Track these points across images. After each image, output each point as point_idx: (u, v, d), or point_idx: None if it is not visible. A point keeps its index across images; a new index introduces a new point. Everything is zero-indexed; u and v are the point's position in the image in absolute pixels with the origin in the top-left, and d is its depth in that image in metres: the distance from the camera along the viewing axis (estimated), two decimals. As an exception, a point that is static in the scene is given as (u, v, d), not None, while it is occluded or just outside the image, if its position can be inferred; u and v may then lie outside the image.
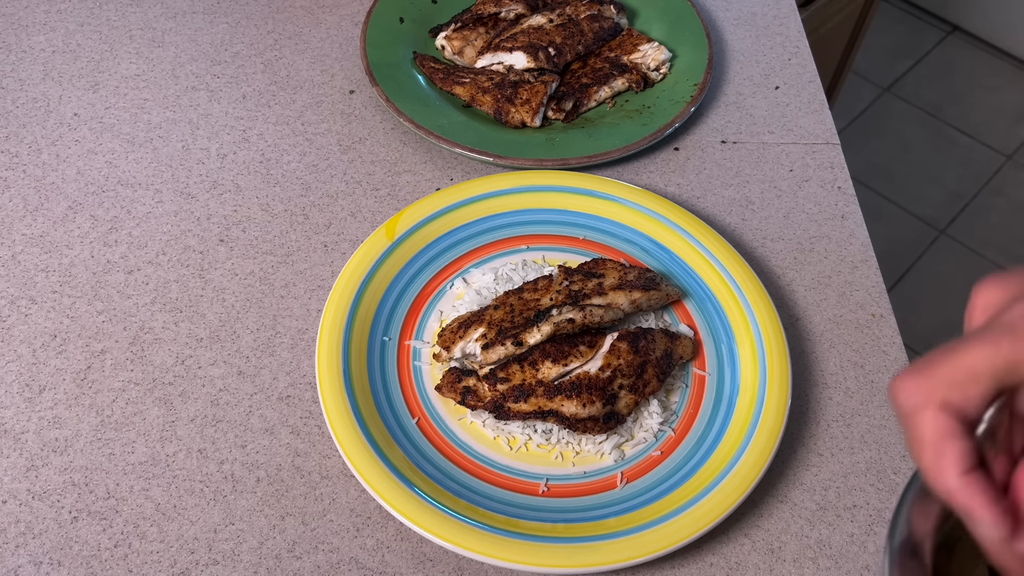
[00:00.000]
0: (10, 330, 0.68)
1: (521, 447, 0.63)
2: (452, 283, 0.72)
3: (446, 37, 0.91)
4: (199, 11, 0.95)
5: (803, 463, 0.64)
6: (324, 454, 0.63)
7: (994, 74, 2.50)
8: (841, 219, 0.80)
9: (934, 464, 0.32)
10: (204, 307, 0.70)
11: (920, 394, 0.33)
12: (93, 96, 0.85)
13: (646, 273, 0.70)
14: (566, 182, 0.77)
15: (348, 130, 0.84)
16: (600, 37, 0.91)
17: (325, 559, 0.58)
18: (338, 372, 0.63)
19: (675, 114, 0.84)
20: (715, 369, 0.67)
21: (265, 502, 0.60)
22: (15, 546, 0.57)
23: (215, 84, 0.87)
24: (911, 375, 0.33)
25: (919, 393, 0.33)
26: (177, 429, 0.63)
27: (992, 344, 0.32)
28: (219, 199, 0.78)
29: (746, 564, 0.59)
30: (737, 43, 0.96)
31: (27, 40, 0.90)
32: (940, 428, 0.32)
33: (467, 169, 0.82)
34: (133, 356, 0.67)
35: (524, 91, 0.84)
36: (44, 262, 0.72)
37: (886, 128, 2.36)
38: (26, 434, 0.62)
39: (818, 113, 0.89)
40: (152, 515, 0.59)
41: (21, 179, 0.78)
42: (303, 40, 0.93)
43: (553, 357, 0.63)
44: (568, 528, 0.58)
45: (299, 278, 0.73)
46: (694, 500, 0.59)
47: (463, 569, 0.58)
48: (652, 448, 0.63)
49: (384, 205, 0.78)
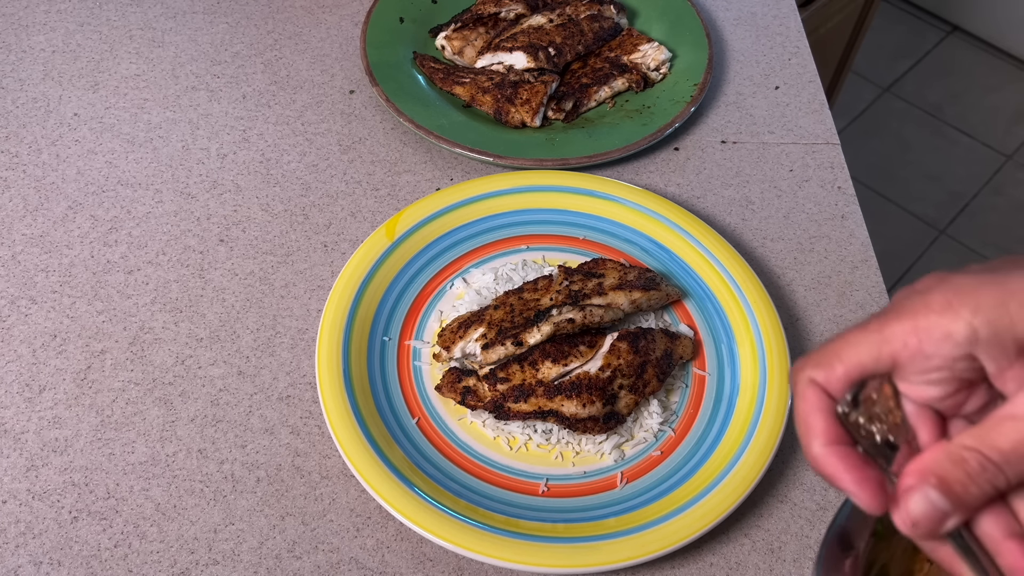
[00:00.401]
0: (10, 330, 0.68)
1: (521, 447, 0.63)
2: (452, 283, 0.72)
3: (446, 37, 0.91)
4: (199, 11, 0.95)
5: (803, 463, 0.64)
6: (324, 454, 0.63)
7: (994, 74, 2.50)
8: (841, 219, 0.80)
9: (803, 436, 0.36)
10: (204, 307, 0.70)
11: (798, 374, 0.36)
12: (93, 96, 0.85)
13: (646, 273, 0.70)
14: (566, 182, 0.77)
15: (348, 130, 0.84)
16: (600, 37, 0.91)
17: (325, 559, 0.58)
18: (338, 372, 0.63)
19: (675, 114, 0.84)
20: (715, 369, 0.67)
21: (265, 502, 0.60)
22: (15, 546, 0.57)
23: (215, 84, 0.87)
24: (801, 358, 0.37)
25: (797, 373, 0.36)
26: (177, 429, 0.63)
27: (862, 330, 0.35)
28: (219, 199, 0.78)
29: (746, 564, 0.59)
30: (737, 43, 0.96)
31: (27, 40, 0.90)
32: (808, 403, 0.36)
33: (467, 169, 0.82)
34: (133, 356, 0.67)
35: (524, 91, 0.84)
36: (44, 262, 0.72)
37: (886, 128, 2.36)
38: (26, 434, 0.62)
39: (818, 113, 0.89)
40: (152, 515, 0.59)
41: (21, 179, 0.78)
42: (303, 40, 0.93)
43: (553, 357, 0.63)
44: (568, 528, 0.58)
45: (299, 278, 0.73)
46: (694, 500, 0.59)
47: (463, 569, 0.58)
48: (652, 448, 0.63)
49: (384, 205, 0.78)
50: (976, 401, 0.36)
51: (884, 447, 0.35)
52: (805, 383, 0.36)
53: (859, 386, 0.36)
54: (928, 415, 0.36)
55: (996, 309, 0.32)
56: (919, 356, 0.34)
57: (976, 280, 0.33)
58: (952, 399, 0.36)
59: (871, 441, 0.36)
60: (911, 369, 0.35)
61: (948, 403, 0.36)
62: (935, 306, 0.33)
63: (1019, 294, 0.32)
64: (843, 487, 0.35)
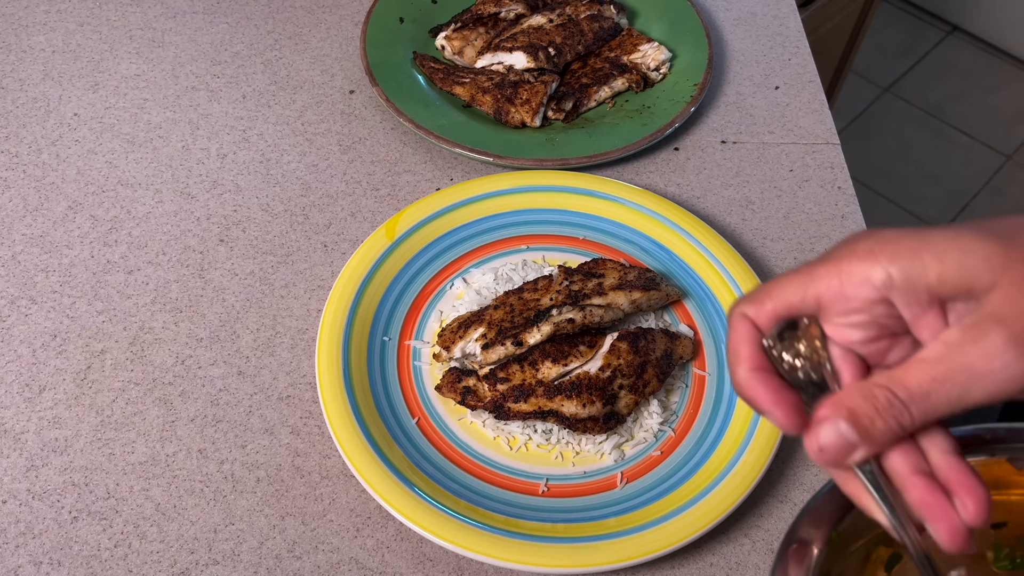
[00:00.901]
0: (10, 330, 0.68)
1: (521, 447, 0.63)
2: (452, 283, 0.72)
3: (446, 37, 0.91)
4: (199, 11, 0.95)
5: (803, 463, 0.64)
6: (324, 454, 0.63)
7: (993, 74, 2.50)
8: (841, 219, 0.80)
9: (730, 363, 0.39)
10: (204, 307, 0.70)
11: (733, 309, 0.40)
12: (93, 96, 0.85)
13: (646, 273, 0.70)
14: (566, 182, 0.77)
15: (348, 130, 0.84)
16: (600, 37, 0.91)
17: (325, 559, 0.58)
18: (338, 372, 0.63)
19: (675, 114, 0.84)
20: (715, 369, 0.67)
21: (265, 502, 0.60)
22: (15, 546, 0.57)
23: (215, 84, 0.87)
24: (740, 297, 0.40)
25: (732, 308, 0.40)
26: (177, 429, 0.63)
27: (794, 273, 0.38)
28: (219, 199, 0.78)
29: (746, 564, 0.59)
30: (737, 43, 0.96)
31: (27, 40, 0.90)
32: (738, 334, 0.39)
33: (467, 169, 0.82)
34: (133, 356, 0.67)
35: (524, 91, 0.84)
36: (44, 262, 0.72)
37: (886, 128, 2.36)
38: (26, 434, 0.62)
39: (818, 113, 0.89)
40: (152, 515, 0.59)
41: (21, 179, 0.78)
42: (303, 40, 0.93)
43: (553, 357, 0.63)
44: (568, 528, 0.58)
45: (299, 278, 0.73)
46: (694, 500, 0.59)
47: (463, 569, 0.58)
48: (652, 448, 0.63)
49: (384, 205, 0.78)
50: (899, 352, 0.38)
51: (807, 383, 0.38)
52: (738, 317, 0.39)
53: (787, 324, 0.38)
54: (853, 360, 0.38)
55: (911, 258, 0.35)
56: (840, 298, 0.37)
57: (900, 233, 0.36)
58: (874, 345, 0.38)
59: (793, 376, 0.38)
60: (834, 311, 0.37)
61: (870, 349, 0.38)
62: (859, 253, 0.36)
63: (934, 246, 0.35)
64: (761, 408, 0.38)
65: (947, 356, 0.34)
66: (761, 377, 0.38)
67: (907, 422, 0.35)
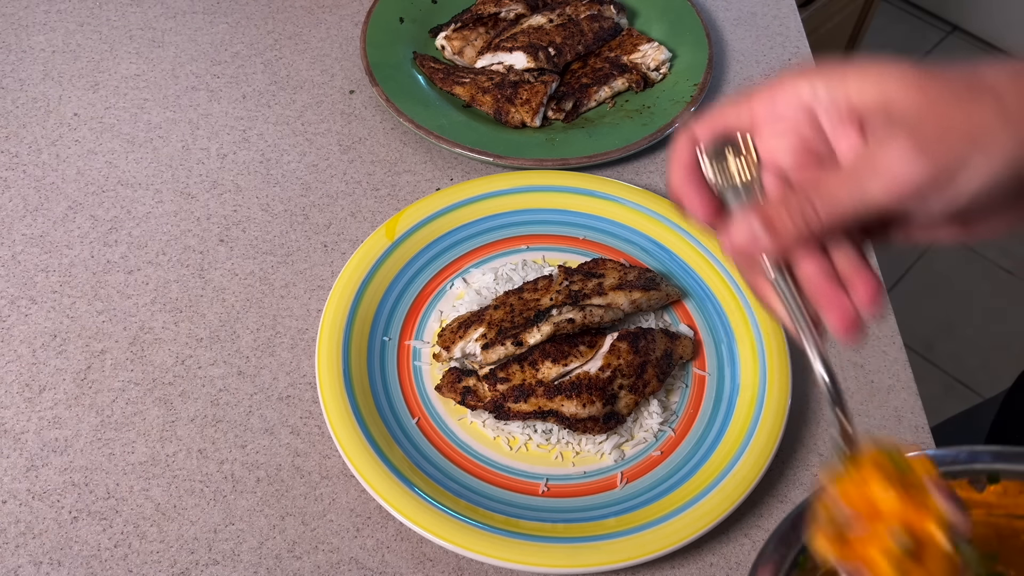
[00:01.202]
0: (10, 330, 0.68)
1: (521, 447, 0.63)
2: (452, 283, 0.72)
3: (446, 37, 0.91)
4: (199, 11, 0.95)
5: (803, 463, 0.64)
6: (324, 454, 0.63)
7: (994, 74, 2.49)
8: (841, 219, 0.80)
9: (668, 168, 0.44)
10: (204, 307, 0.70)
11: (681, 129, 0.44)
12: (93, 96, 0.85)
13: (646, 273, 0.70)
14: (566, 182, 0.77)
15: (348, 130, 0.84)
16: (600, 37, 0.91)
17: (325, 559, 0.58)
18: (338, 372, 0.63)
19: (675, 114, 0.84)
20: (715, 369, 0.67)
21: (265, 502, 0.60)
22: (15, 546, 0.57)
23: (215, 84, 0.87)
24: None
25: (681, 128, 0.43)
26: (177, 429, 0.63)
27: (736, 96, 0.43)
28: (219, 199, 0.78)
29: (746, 564, 0.59)
30: (737, 43, 0.96)
31: (27, 40, 0.90)
32: (679, 146, 0.43)
33: (467, 169, 0.82)
34: (133, 356, 0.67)
35: (524, 91, 0.84)
36: (44, 262, 0.72)
37: (886, 128, 2.36)
38: (26, 434, 0.62)
39: (818, 113, 0.89)
40: (152, 515, 0.59)
41: (21, 179, 0.78)
42: (303, 40, 0.93)
43: (553, 357, 0.63)
44: (568, 528, 0.58)
45: (299, 278, 0.73)
46: (694, 500, 0.59)
47: (463, 569, 0.58)
48: (652, 448, 0.63)
49: (384, 205, 0.78)
50: None
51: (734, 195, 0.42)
52: (684, 134, 0.43)
53: (724, 141, 0.43)
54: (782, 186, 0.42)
55: (836, 78, 0.39)
56: (772, 116, 0.41)
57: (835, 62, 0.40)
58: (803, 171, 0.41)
59: (720, 185, 0.42)
60: (767, 130, 0.42)
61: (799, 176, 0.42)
62: (791, 74, 0.41)
63: (858, 67, 0.39)
64: (684, 203, 0.43)
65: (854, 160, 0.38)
66: (690, 177, 0.42)
67: (811, 216, 0.38)
